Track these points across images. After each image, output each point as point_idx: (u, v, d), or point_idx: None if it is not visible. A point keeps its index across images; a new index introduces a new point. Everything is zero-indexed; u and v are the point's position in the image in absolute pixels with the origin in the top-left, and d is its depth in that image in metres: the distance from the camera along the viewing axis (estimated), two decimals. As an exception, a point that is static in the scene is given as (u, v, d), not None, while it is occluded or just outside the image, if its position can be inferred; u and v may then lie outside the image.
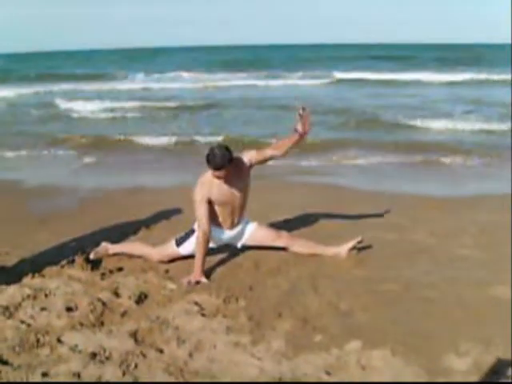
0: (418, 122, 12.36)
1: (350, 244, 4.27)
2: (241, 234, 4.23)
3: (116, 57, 59.49)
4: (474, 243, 4.61)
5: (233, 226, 4.15)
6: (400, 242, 4.71)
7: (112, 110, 15.90)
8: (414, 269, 4.08)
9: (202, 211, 3.93)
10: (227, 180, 3.92)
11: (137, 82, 27.25)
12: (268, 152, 4.06)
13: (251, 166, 4.05)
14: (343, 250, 4.27)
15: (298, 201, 6.11)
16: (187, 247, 4.14)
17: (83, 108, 16.24)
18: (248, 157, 4.03)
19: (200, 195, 3.92)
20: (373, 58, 43.40)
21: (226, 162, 3.81)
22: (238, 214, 4.12)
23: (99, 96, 19.36)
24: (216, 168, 3.84)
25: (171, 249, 4.20)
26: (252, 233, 4.23)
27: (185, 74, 31.16)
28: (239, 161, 3.99)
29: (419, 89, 20.99)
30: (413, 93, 19.28)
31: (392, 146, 9.73)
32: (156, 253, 4.24)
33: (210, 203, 3.96)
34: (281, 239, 4.27)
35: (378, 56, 45.46)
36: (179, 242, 4.17)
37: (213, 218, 4.01)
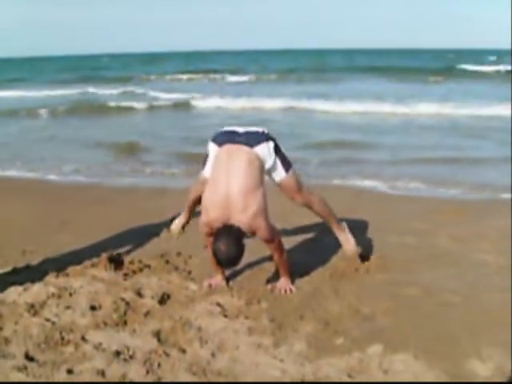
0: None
1: (356, 253, 4.17)
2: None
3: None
4: (495, 248, 4.57)
5: None
6: (421, 246, 4.70)
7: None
8: (435, 273, 4.07)
9: (205, 234, 3.68)
10: None
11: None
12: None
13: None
14: (350, 251, 4.17)
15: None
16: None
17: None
18: (261, 232, 3.57)
19: (203, 221, 3.62)
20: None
21: (231, 263, 3.47)
22: None
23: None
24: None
25: (202, 177, 3.90)
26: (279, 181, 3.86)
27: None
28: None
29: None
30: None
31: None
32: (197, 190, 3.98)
33: None
34: (301, 195, 3.93)
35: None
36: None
37: None
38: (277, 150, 3.74)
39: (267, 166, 3.69)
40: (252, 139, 3.63)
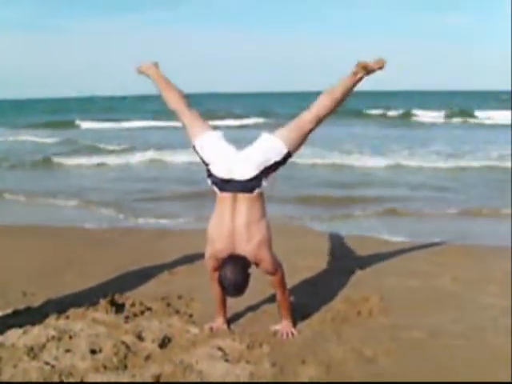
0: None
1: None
2: None
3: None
4: (500, 290, 4.55)
5: None
6: (424, 288, 4.67)
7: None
8: (439, 316, 4.03)
9: (211, 268, 3.72)
10: None
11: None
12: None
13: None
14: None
15: (321, 247, 6.10)
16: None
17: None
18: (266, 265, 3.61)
19: (208, 253, 3.68)
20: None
21: (237, 290, 3.53)
22: None
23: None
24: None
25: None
26: None
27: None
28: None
29: None
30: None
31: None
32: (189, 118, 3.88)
33: None
34: (313, 124, 3.72)
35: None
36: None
37: None
38: (273, 169, 3.65)
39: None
40: (249, 187, 3.55)
